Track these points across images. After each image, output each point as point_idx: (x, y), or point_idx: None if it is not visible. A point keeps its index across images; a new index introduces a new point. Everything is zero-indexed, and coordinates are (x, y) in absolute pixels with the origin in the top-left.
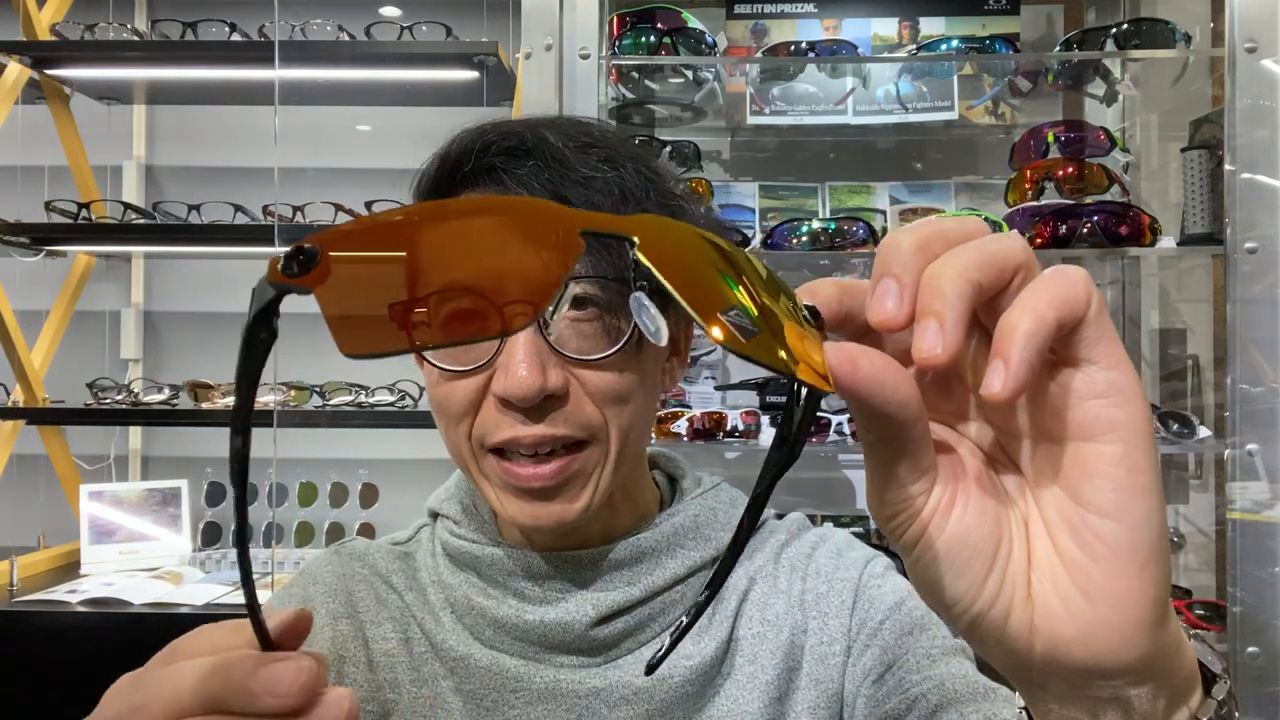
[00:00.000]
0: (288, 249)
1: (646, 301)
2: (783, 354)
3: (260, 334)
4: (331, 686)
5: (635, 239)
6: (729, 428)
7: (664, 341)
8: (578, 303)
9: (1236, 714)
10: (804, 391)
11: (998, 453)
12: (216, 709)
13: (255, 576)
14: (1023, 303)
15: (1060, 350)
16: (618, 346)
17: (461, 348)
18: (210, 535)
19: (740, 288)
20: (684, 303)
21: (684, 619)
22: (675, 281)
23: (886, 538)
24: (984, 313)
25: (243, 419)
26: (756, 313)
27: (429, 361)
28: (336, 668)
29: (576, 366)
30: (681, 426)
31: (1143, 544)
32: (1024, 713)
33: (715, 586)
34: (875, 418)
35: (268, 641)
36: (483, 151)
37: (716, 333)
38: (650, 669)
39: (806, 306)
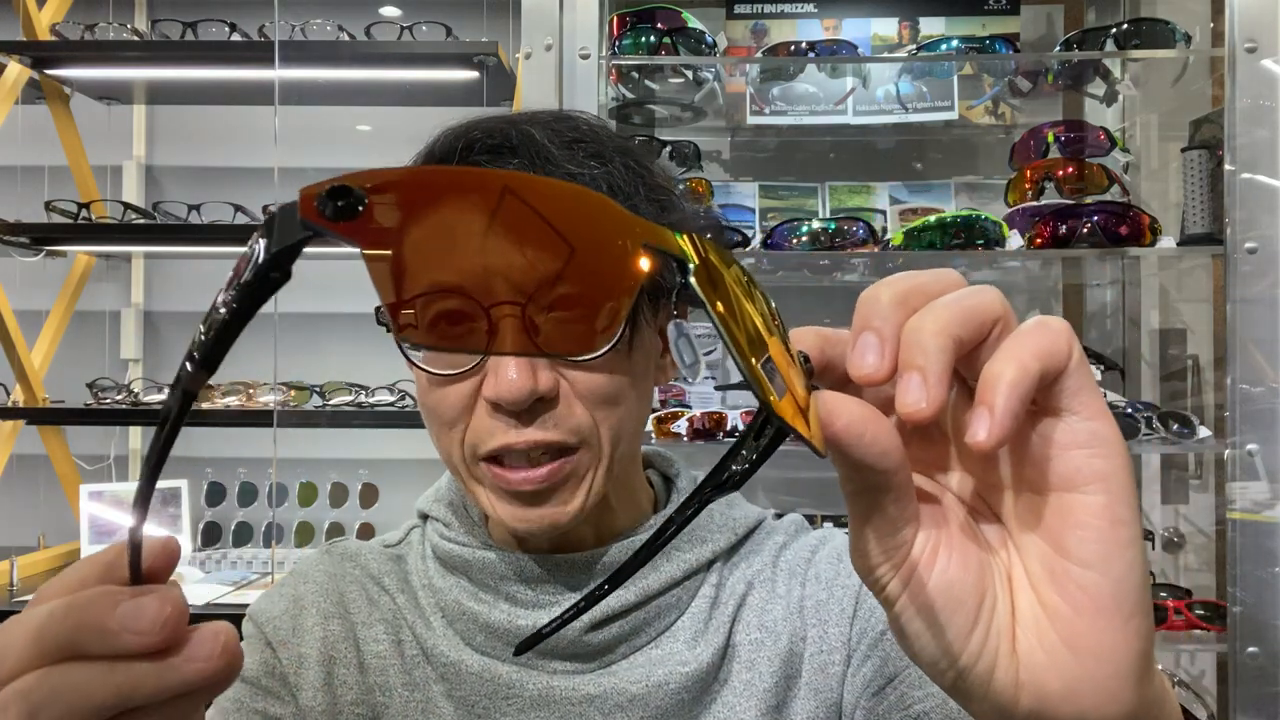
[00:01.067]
0: (329, 185)
1: (688, 331)
2: (802, 422)
3: (273, 273)
4: (207, 623)
5: (691, 264)
6: (729, 428)
7: (698, 376)
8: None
9: None
10: (771, 432)
11: (979, 504)
12: (72, 653)
13: (255, 577)
14: (1006, 353)
15: (1042, 401)
16: (607, 347)
17: (449, 354)
18: (210, 535)
19: (773, 334)
20: (732, 346)
21: (592, 593)
22: (725, 320)
23: None
24: (963, 366)
25: (209, 353)
26: (784, 364)
27: (418, 367)
28: (327, 668)
29: (566, 368)
30: (681, 426)
31: (1126, 596)
32: None
33: (616, 581)
34: (856, 468)
35: (138, 574)
36: (467, 150)
37: (754, 384)
38: (520, 649)
39: (800, 353)
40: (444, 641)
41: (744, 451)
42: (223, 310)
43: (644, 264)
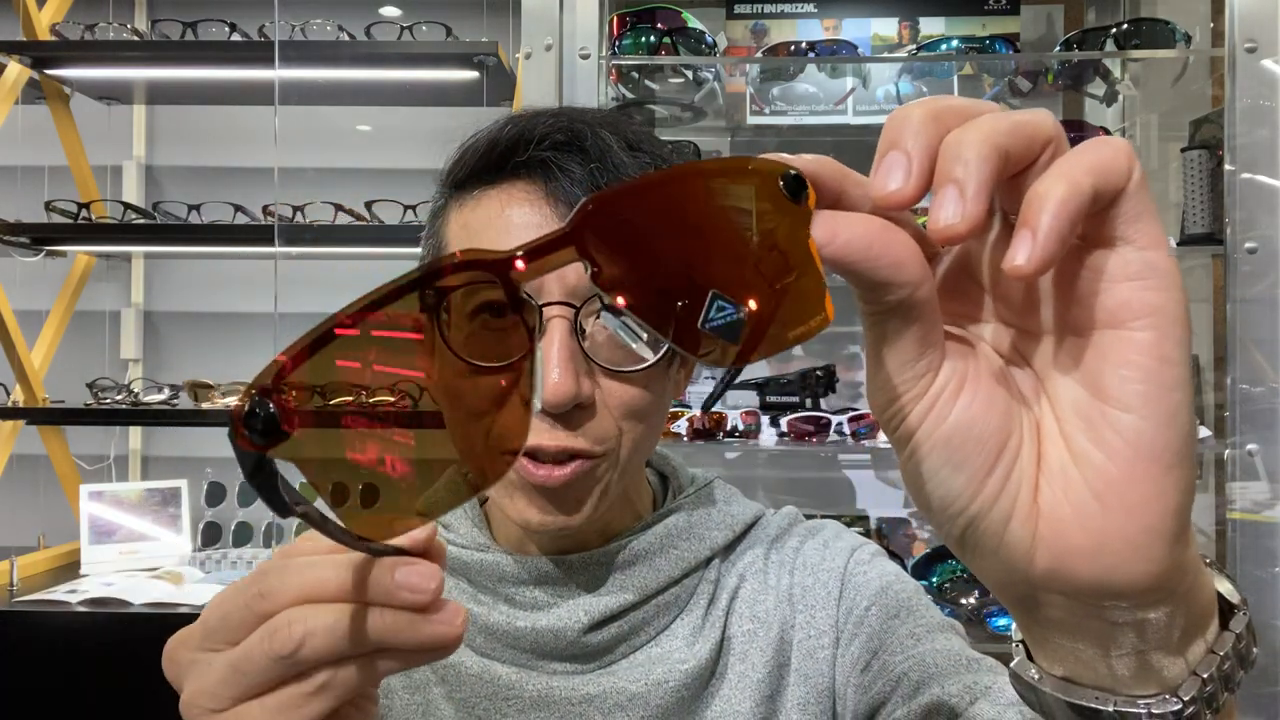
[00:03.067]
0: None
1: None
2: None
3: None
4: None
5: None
6: (729, 428)
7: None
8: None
9: (1255, 649)
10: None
11: (1014, 357)
12: (352, 597)
13: None
14: (1056, 169)
15: (1093, 229)
16: (654, 359)
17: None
18: (210, 535)
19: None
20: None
21: None
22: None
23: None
24: (1006, 194)
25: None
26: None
27: (456, 354)
28: None
29: (606, 377)
30: (681, 426)
31: (1169, 443)
32: (1020, 647)
33: None
34: (869, 287)
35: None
36: (537, 142)
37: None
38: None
39: (790, 175)
40: None
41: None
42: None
43: None
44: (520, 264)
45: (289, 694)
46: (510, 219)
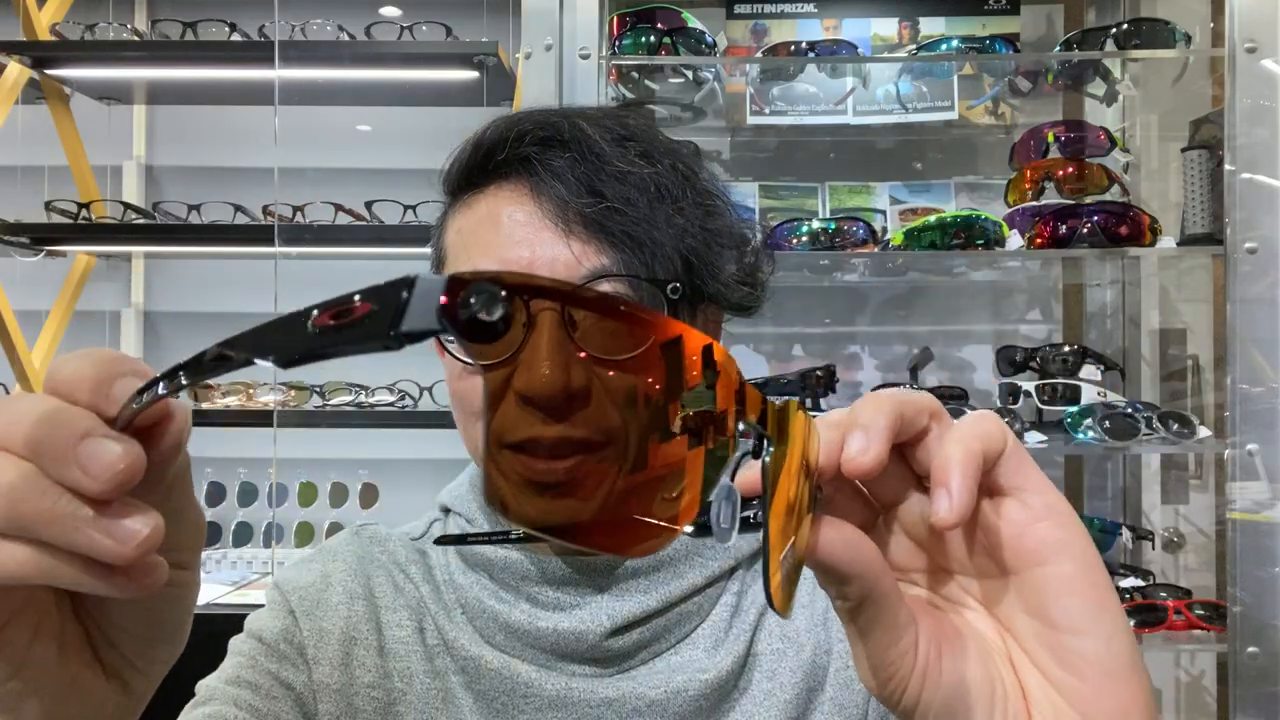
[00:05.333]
0: (479, 286)
1: (735, 498)
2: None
3: (387, 345)
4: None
5: (769, 436)
6: None
7: (729, 541)
8: None
9: None
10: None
11: (964, 599)
12: (32, 454)
13: (255, 577)
14: (949, 439)
15: (991, 483)
16: (644, 347)
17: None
18: (210, 535)
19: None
20: (771, 532)
21: None
22: (777, 505)
23: None
24: (912, 462)
25: (279, 358)
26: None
27: (450, 354)
28: (346, 647)
29: (601, 366)
30: None
31: (1121, 655)
32: None
33: None
34: (845, 582)
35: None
36: (517, 140)
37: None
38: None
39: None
40: (464, 635)
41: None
42: (314, 330)
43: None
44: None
45: None
46: (499, 219)
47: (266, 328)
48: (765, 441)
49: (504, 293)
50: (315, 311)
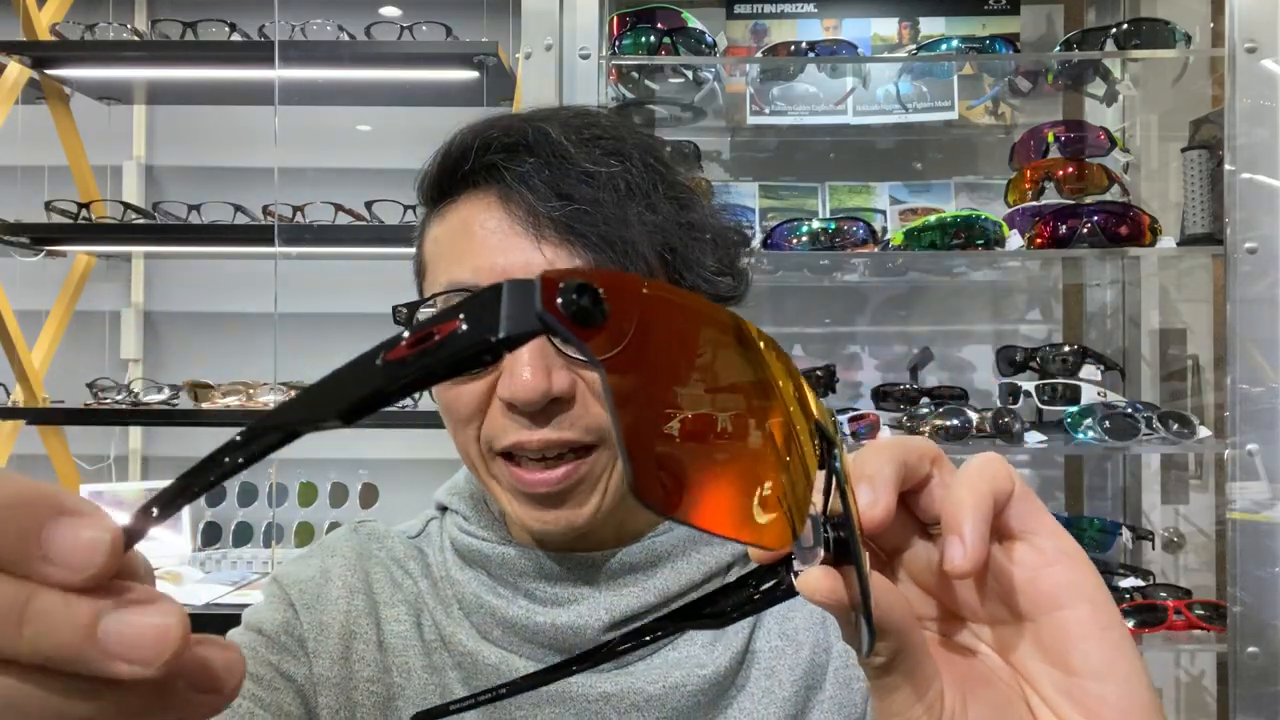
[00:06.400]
0: (572, 282)
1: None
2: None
3: (485, 355)
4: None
5: (838, 451)
6: None
7: (812, 563)
8: None
9: None
10: (781, 591)
11: (974, 644)
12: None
13: (255, 577)
14: (957, 485)
15: (1001, 526)
16: (622, 346)
17: None
18: (210, 535)
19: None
20: (861, 547)
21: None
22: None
23: None
24: (918, 510)
25: (362, 407)
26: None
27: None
28: (346, 641)
29: (583, 368)
30: None
31: (1139, 696)
32: None
33: (586, 661)
34: (881, 637)
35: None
36: (483, 149)
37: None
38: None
39: (821, 438)
40: (462, 631)
41: (750, 589)
42: (410, 364)
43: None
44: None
45: None
46: (471, 227)
47: (331, 380)
48: (831, 448)
49: (600, 289)
50: (390, 346)
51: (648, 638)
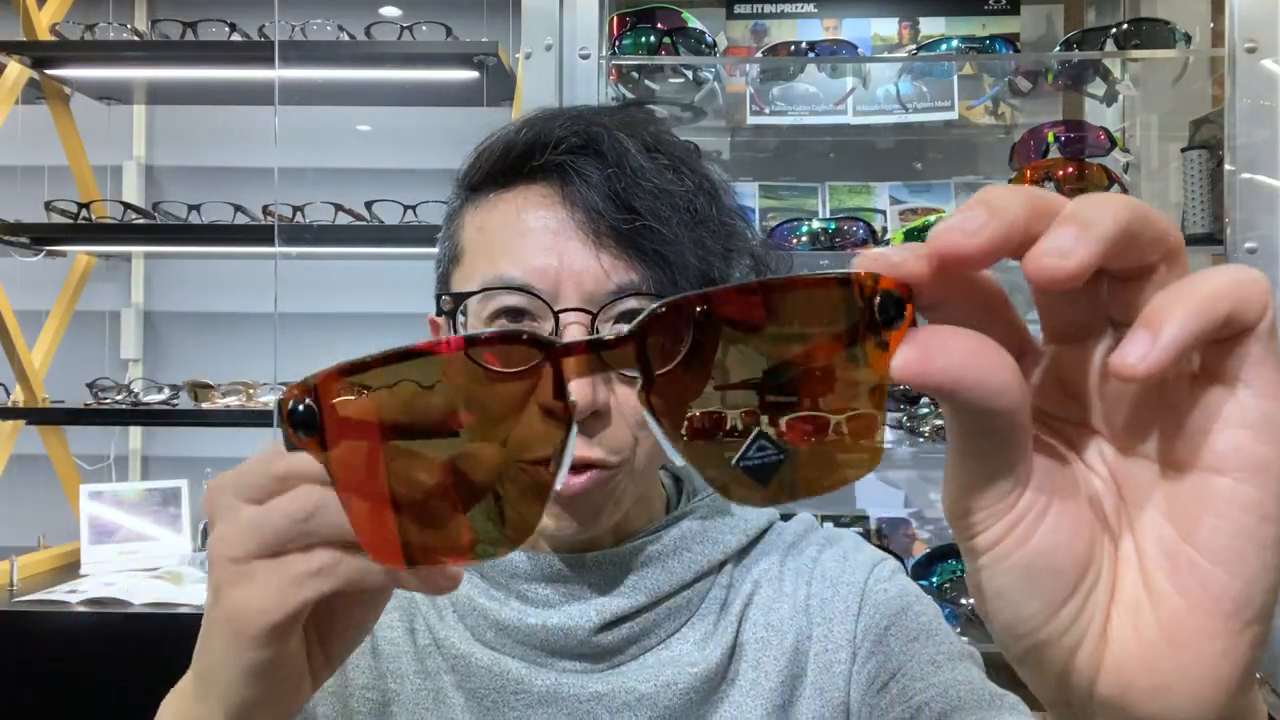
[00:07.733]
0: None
1: None
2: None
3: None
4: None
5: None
6: (728, 427)
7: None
8: (632, 318)
9: None
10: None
11: (1093, 463)
12: (250, 497)
13: None
14: (1190, 281)
15: (1214, 362)
16: (674, 363)
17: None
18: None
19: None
20: None
21: None
22: None
23: (889, 540)
24: (1117, 298)
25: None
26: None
27: (474, 361)
28: None
29: (622, 384)
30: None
31: (1253, 601)
32: None
33: None
34: (963, 412)
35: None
36: (555, 146)
37: None
38: None
39: (889, 297)
40: (455, 633)
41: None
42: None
43: None
44: (573, 359)
45: (293, 565)
46: (526, 222)
47: None
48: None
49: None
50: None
51: None
